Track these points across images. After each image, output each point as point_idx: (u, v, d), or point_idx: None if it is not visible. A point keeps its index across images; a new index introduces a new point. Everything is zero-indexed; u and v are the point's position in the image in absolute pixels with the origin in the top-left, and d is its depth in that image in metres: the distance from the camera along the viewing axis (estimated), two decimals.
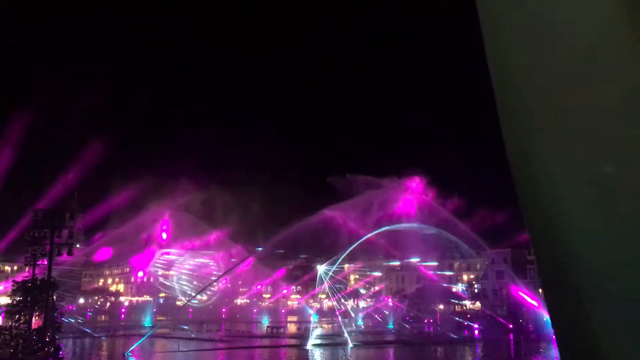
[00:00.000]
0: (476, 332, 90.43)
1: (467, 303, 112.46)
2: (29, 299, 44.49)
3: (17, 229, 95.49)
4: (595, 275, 1.35)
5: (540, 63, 1.43)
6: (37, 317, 44.40)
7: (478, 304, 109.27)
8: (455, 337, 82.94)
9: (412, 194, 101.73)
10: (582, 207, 1.37)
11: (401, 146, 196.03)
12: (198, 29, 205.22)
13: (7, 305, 51.66)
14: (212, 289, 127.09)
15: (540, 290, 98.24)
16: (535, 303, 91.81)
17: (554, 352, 69.88)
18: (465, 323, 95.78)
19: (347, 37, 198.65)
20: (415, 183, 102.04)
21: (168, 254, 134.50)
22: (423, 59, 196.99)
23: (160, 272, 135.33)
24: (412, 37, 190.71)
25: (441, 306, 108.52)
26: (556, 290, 1.49)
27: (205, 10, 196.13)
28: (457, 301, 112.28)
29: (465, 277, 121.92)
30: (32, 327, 43.84)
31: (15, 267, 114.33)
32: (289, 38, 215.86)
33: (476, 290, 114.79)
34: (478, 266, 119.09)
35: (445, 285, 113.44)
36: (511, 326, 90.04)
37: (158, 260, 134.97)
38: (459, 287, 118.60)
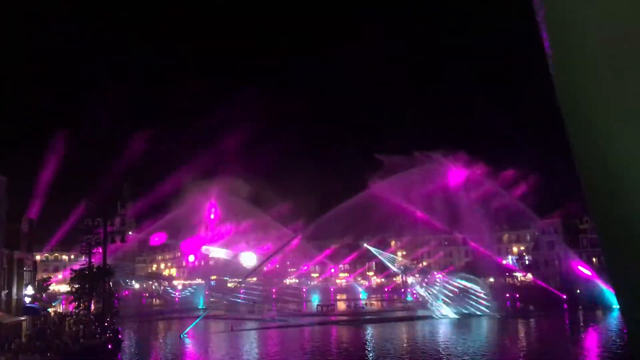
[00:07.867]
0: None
1: (519, 275, 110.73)
2: (86, 286, 46.20)
3: (71, 219, 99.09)
4: None
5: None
6: (95, 303, 46.11)
7: (529, 275, 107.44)
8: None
9: (460, 167, 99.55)
10: None
11: (448, 118, 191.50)
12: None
13: (67, 292, 53.98)
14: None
15: (594, 259, 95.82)
16: (589, 272, 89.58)
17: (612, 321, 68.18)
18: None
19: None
20: (463, 157, 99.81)
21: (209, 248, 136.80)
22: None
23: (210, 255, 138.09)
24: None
25: (492, 279, 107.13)
26: (617, 252, 1.39)
27: None
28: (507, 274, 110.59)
29: (515, 249, 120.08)
30: (91, 313, 45.58)
31: (72, 256, 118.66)
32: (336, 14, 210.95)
33: (527, 262, 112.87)
34: (528, 237, 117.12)
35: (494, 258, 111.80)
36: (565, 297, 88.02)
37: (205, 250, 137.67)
38: (509, 260, 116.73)
